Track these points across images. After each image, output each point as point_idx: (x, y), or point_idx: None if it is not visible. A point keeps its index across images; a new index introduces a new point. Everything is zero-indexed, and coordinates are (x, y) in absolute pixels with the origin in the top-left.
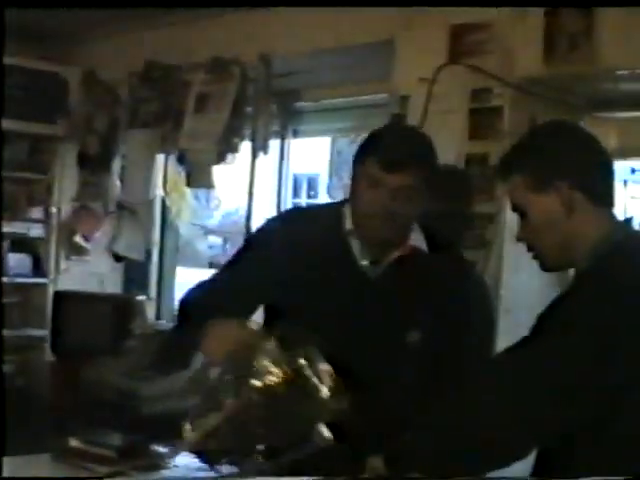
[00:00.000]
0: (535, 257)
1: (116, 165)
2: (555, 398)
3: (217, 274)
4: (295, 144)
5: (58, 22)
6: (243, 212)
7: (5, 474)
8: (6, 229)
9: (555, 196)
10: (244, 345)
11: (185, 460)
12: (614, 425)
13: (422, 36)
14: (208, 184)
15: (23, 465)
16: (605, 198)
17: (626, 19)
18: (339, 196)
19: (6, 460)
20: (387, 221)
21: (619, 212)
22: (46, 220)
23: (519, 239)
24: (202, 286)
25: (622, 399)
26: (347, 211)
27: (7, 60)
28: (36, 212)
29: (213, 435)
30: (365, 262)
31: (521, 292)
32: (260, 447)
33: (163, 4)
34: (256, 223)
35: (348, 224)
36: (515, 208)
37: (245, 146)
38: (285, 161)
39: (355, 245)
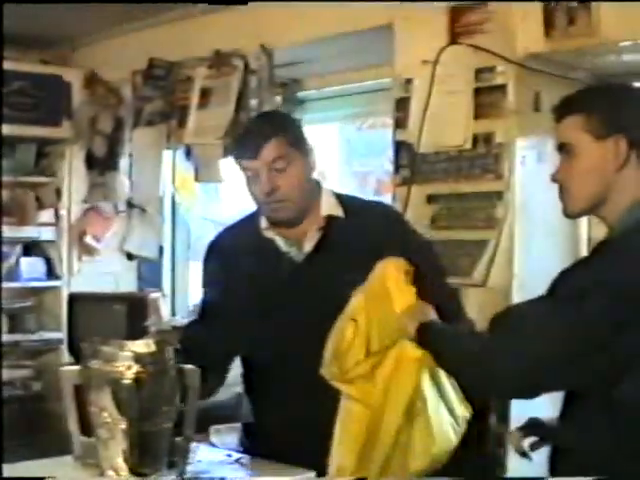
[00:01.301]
0: (561, 199)
1: (124, 164)
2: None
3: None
4: None
5: (58, 25)
6: (252, 204)
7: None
8: (17, 234)
9: (612, 146)
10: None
11: (207, 454)
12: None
13: (421, 19)
14: (216, 178)
15: (45, 469)
16: None
17: None
18: (348, 184)
19: (26, 465)
20: (276, 197)
21: None
22: (56, 223)
23: (554, 179)
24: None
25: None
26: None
27: (10, 65)
28: (46, 215)
29: None
30: (290, 249)
31: (534, 269)
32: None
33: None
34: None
35: (263, 223)
36: (561, 147)
37: None
38: None
39: (277, 239)
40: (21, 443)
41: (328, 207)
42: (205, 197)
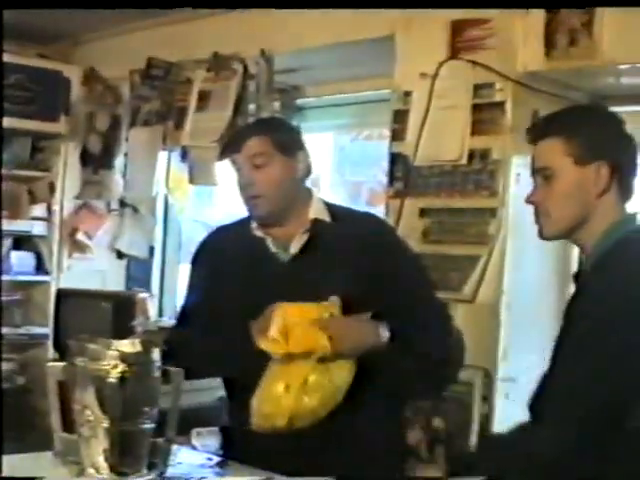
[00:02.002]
0: (537, 222)
1: (119, 163)
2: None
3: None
4: None
5: (60, 21)
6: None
7: (5, 473)
8: (8, 227)
9: (594, 172)
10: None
11: (188, 457)
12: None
13: (423, 32)
14: (211, 181)
15: (25, 463)
16: (630, 189)
17: (626, 14)
18: (341, 192)
19: (7, 459)
20: (252, 192)
21: None
22: (48, 218)
23: (529, 202)
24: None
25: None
26: None
27: (9, 59)
28: (39, 210)
29: None
30: (278, 250)
31: (523, 287)
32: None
33: (164, 5)
34: None
35: (254, 223)
36: (538, 170)
37: None
38: None
39: (268, 239)
40: (4, 437)
41: (316, 211)
42: (198, 200)
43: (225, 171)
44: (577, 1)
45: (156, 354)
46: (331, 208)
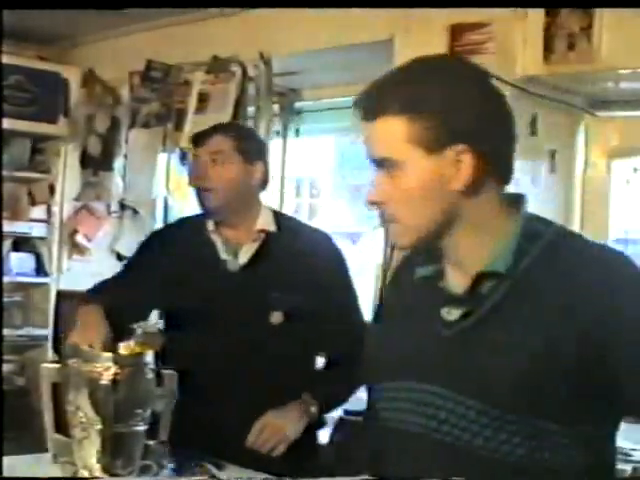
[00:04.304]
0: (384, 226)
1: (118, 165)
2: None
3: (117, 276)
4: (297, 144)
5: (59, 22)
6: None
7: (5, 474)
8: (8, 229)
9: (452, 161)
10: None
11: None
12: None
13: (422, 35)
14: None
15: (23, 464)
16: (509, 175)
17: (626, 18)
18: (341, 196)
19: (6, 459)
20: (204, 184)
21: (621, 213)
22: (48, 220)
23: (373, 202)
24: (106, 284)
25: None
26: None
27: (8, 60)
28: (38, 212)
29: None
30: (228, 257)
31: None
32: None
33: (164, 4)
34: None
35: (210, 225)
36: (377, 161)
37: None
38: (287, 160)
39: (219, 243)
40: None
41: (263, 221)
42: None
43: None
44: (576, 1)
45: (149, 356)
46: (280, 220)
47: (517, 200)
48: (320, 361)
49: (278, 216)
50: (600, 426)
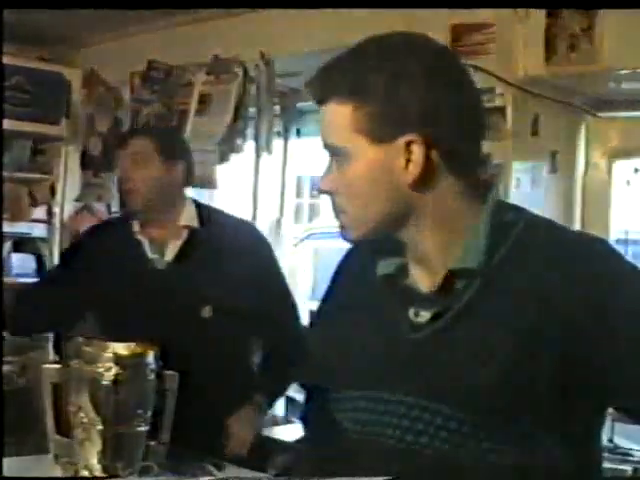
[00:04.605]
0: (336, 216)
1: None
2: None
3: (43, 281)
4: (298, 144)
5: (60, 23)
6: (246, 212)
7: (6, 474)
8: (9, 229)
9: (402, 152)
10: None
11: None
12: None
13: None
14: (211, 185)
15: (25, 466)
16: (471, 168)
17: (627, 18)
18: None
19: (7, 461)
20: (127, 185)
21: (621, 213)
22: (49, 220)
23: (322, 191)
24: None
25: None
26: None
27: (10, 61)
28: (39, 212)
29: None
30: (154, 255)
31: None
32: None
33: (165, 5)
34: (259, 223)
35: (136, 225)
36: (326, 147)
37: (248, 146)
38: (288, 161)
39: (145, 243)
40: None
41: (186, 218)
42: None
43: (225, 175)
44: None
45: (151, 357)
46: (204, 214)
47: (485, 190)
48: (257, 353)
49: (202, 210)
50: (584, 424)
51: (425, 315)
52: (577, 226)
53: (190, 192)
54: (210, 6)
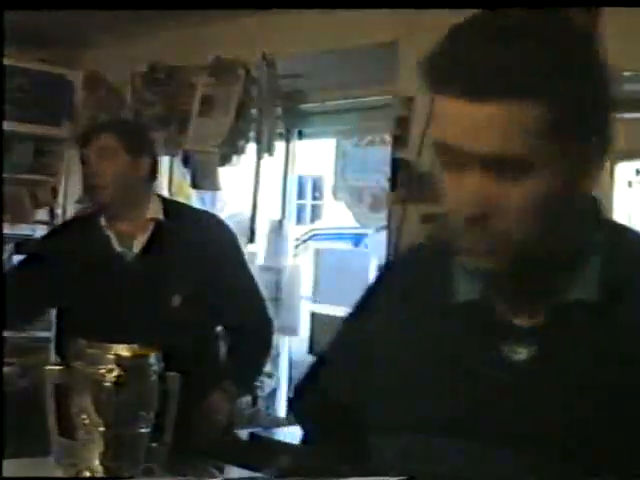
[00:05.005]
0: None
1: None
2: None
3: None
4: (300, 146)
5: (62, 25)
6: (247, 213)
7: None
8: (11, 231)
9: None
10: None
11: None
12: None
13: (425, 38)
14: (213, 186)
15: (26, 468)
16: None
17: (630, 20)
18: (344, 197)
19: (9, 463)
20: (96, 181)
21: (623, 215)
22: (51, 222)
23: (474, 216)
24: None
25: None
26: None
27: (11, 62)
28: (41, 214)
29: None
30: (122, 248)
31: None
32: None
33: (168, 6)
34: (260, 224)
35: (103, 220)
36: (485, 156)
37: (250, 148)
38: (290, 163)
39: (112, 237)
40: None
41: (153, 211)
42: (200, 204)
43: (227, 176)
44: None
45: (153, 358)
46: (170, 208)
47: (595, 204)
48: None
49: (167, 204)
50: None
51: (523, 353)
52: None
53: (193, 193)
54: (210, 7)
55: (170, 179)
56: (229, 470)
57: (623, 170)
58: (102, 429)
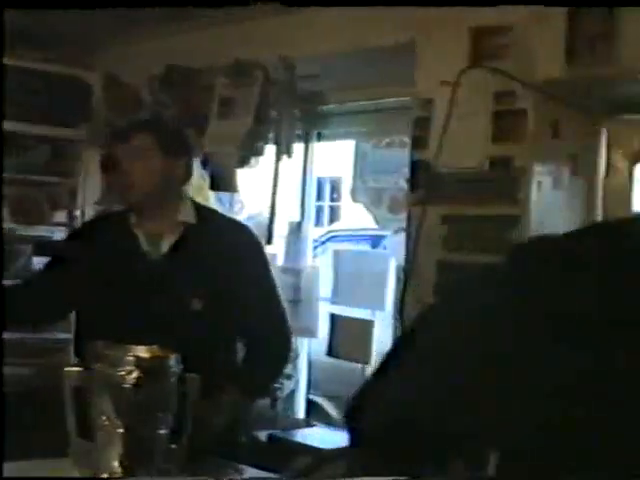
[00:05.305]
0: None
1: None
2: None
3: (39, 275)
4: (318, 147)
5: (80, 26)
6: (266, 215)
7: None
8: (29, 233)
9: None
10: None
11: None
12: None
13: (442, 39)
14: (232, 188)
15: (43, 469)
16: None
17: None
18: (362, 199)
19: (25, 464)
20: (128, 180)
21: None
22: (70, 224)
23: None
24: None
25: None
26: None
27: (29, 64)
28: (60, 216)
29: None
30: (149, 248)
31: None
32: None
33: (184, 3)
34: (279, 226)
35: (132, 218)
36: None
37: (269, 149)
38: (309, 164)
39: (140, 235)
40: (22, 442)
41: (184, 214)
42: (219, 206)
43: (245, 178)
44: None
45: (172, 360)
46: (201, 212)
47: None
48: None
49: (199, 209)
50: None
51: None
52: None
53: (211, 195)
54: (220, 5)
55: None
56: (247, 471)
57: None
58: (121, 431)
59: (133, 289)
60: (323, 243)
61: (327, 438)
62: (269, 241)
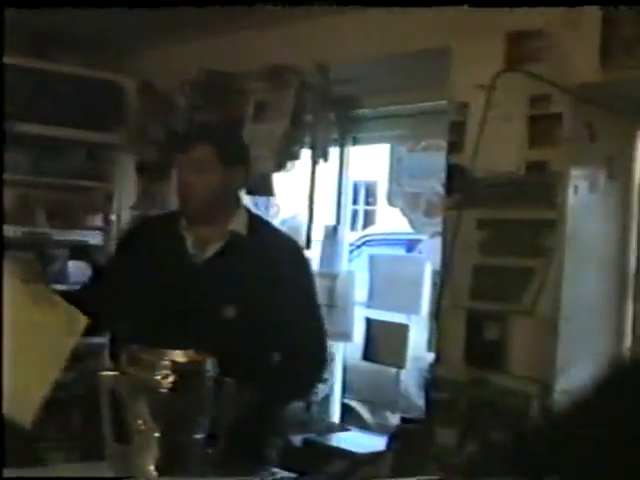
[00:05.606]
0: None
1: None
2: None
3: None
4: (354, 151)
5: (113, 30)
6: (301, 219)
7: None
8: (64, 237)
9: None
10: None
11: None
12: None
13: (478, 43)
14: (268, 192)
15: (79, 473)
16: None
17: None
18: (398, 203)
19: (60, 467)
20: (187, 192)
21: None
22: (106, 228)
23: None
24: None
25: None
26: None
27: (64, 68)
28: (96, 220)
29: None
30: (195, 251)
31: (580, 301)
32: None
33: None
34: (316, 229)
35: (184, 221)
36: None
37: (305, 153)
38: (344, 168)
39: (189, 239)
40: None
41: (235, 223)
42: (254, 209)
43: (281, 182)
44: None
45: (209, 364)
46: (254, 221)
47: None
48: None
49: (253, 218)
50: None
51: None
52: (634, 232)
53: (247, 199)
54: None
55: None
56: (281, 475)
57: None
58: (157, 435)
59: (174, 291)
60: (358, 247)
61: (361, 442)
62: (307, 246)
